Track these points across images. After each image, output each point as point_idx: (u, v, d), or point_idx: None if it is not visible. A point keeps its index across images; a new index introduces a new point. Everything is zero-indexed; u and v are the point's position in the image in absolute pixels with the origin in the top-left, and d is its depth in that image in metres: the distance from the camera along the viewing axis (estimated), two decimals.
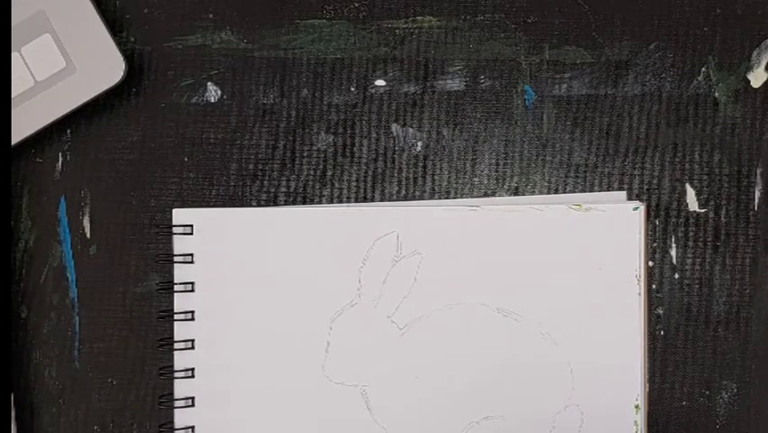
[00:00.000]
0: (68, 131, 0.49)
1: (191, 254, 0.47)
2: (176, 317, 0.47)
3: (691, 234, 0.48)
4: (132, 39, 0.49)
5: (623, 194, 0.48)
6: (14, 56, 0.46)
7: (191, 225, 0.48)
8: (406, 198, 0.48)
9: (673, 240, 0.48)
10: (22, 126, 0.46)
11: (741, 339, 0.47)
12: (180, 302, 0.47)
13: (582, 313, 0.47)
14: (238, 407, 0.47)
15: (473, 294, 0.47)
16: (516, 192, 0.48)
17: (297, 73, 0.48)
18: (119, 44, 0.47)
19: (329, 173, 0.48)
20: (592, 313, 0.47)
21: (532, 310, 0.47)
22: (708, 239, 0.48)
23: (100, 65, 0.47)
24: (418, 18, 0.48)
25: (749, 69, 0.48)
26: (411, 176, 0.48)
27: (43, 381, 0.48)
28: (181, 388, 0.47)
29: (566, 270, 0.47)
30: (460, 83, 0.48)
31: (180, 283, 0.47)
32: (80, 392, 0.48)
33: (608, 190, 0.48)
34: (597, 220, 0.47)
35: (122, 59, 0.47)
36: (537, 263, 0.47)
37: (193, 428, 0.47)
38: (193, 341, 0.47)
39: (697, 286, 0.47)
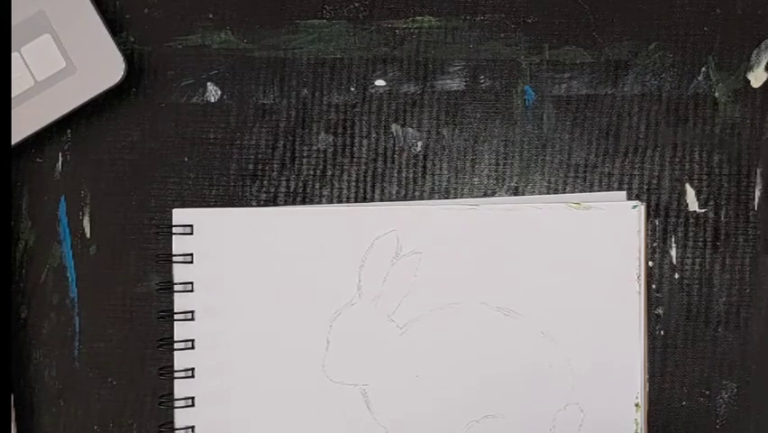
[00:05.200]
0: (68, 131, 0.49)
1: (191, 254, 0.47)
2: (176, 317, 0.47)
3: (691, 234, 0.48)
4: (132, 39, 0.49)
5: (623, 194, 0.48)
6: (14, 56, 0.46)
7: (191, 225, 0.48)
8: (405, 198, 0.48)
9: (673, 240, 0.48)
10: (22, 126, 0.46)
11: (741, 339, 0.47)
12: (180, 302, 0.47)
13: (582, 312, 0.47)
14: (238, 407, 0.47)
15: (473, 293, 0.47)
16: (515, 192, 0.48)
17: (297, 73, 0.48)
18: (119, 44, 0.47)
19: (329, 173, 0.48)
20: (592, 312, 0.47)
21: (532, 309, 0.47)
22: (708, 239, 0.48)
23: (100, 65, 0.47)
24: (418, 18, 0.48)
25: (749, 69, 0.48)
26: (411, 176, 0.48)
27: (43, 381, 0.48)
28: (181, 388, 0.47)
29: (566, 269, 0.47)
30: (460, 83, 0.48)
31: (180, 283, 0.47)
32: (80, 392, 0.48)
33: (608, 190, 0.48)
34: (596, 219, 0.47)
35: (122, 59, 0.47)
36: (537, 262, 0.47)
37: (193, 428, 0.47)
38: (193, 341, 0.47)
39: (697, 286, 0.47)
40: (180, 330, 0.47)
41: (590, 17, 0.48)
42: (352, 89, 0.48)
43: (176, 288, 0.47)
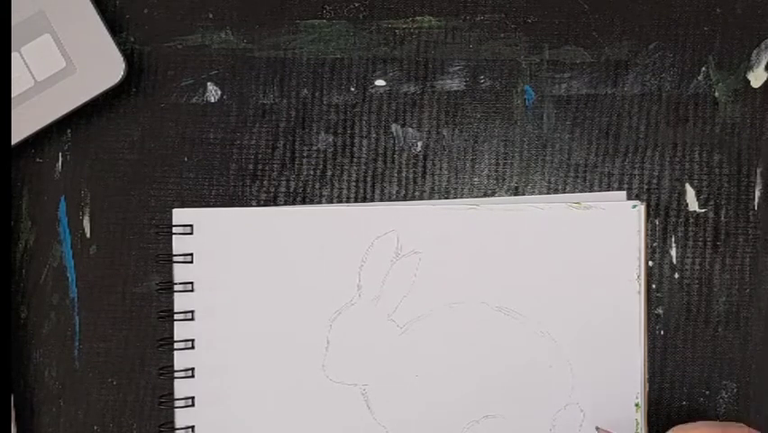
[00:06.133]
0: (68, 131, 0.49)
1: (191, 254, 0.47)
2: (176, 317, 0.47)
3: (691, 233, 0.48)
4: (132, 39, 0.49)
5: (623, 194, 0.48)
6: (14, 56, 0.46)
7: (191, 225, 0.48)
8: (405, 198, 0.48)
9: (673, 240, 0.48)
10: (22, 126, 0.46)
11: (741, 339, 0.47)
12: (180, 302, 0.47)
13: (582, 312, 0.47)
14: (238, 407, 0.47)
15: (473, 293, 0.47)
16: (516, 192, 0.48)
17: (297, 73, 0.48)
18: (119, 44, 0.47)
19: (329, 173, 0.48)
20: (592, 312, 0.47)
21: (532, 309, 0.47)
22: (708, 239, 0.48)
23: (100, 65, 0.47)
24: (418, 18, 0.48)
25: (749, 68, 0.48)
26: (411, 176, 0.48)
27: (43, 381, 0.48)
28: (181, 388, 0.47)
29: (566, 268, 0.47)
30: (460, 83, 0.48)
31: (180, 283, 0.47)
32: (80, 392, 0.48)
33: (608, 190, 0.48)
34: (596, 218, 0.47)
35: (122, 59, 0.47)
36: (537, 262, 0.47)
37: (193, 428, 0.47)
38: (193, 341, 0.47)
39: (697, 286, 0.47)
40: (180, 330, 0.47)
41: (590, 17, 0.48)
42: (352, 89, 0.48)
43: (176, 288, 0.47)
